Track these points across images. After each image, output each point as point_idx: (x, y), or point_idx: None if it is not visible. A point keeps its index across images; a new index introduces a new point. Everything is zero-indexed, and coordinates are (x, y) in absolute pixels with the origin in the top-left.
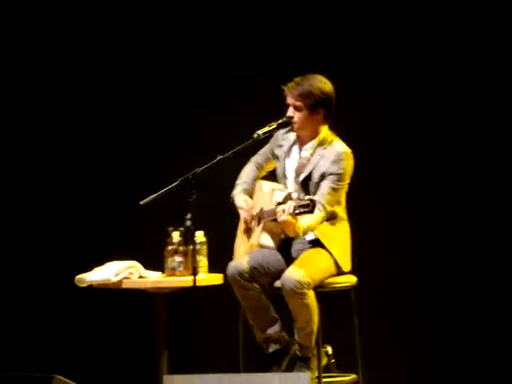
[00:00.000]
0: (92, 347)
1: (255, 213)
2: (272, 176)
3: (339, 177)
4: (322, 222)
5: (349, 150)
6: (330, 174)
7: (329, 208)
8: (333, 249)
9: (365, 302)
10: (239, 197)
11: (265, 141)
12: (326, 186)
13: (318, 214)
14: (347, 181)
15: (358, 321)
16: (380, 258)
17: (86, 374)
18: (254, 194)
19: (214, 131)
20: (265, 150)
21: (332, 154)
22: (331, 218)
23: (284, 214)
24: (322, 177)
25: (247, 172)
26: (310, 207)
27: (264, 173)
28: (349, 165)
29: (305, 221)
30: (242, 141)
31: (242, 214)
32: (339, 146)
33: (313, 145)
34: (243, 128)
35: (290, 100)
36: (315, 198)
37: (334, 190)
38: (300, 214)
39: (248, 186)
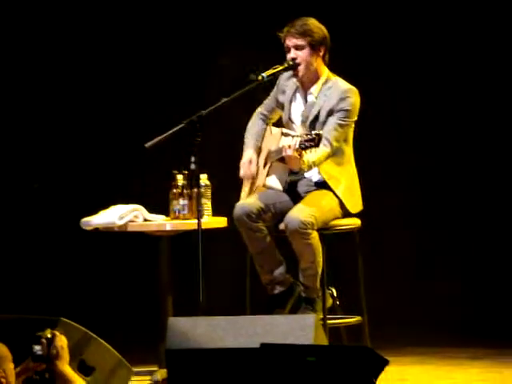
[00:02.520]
0: (97, 290)
1: (263, 157)
2: (279, 125)
3: (346, 113)
4: (327, 158)
5: (354, 87)
6: (338, 111)
7: (335, 144)
8: (338, 190)
9: (369, 244)
10: (247, 152)
11: (268, 88)
12: (332, 121)
13: (324, 149)
14: (354, 118)
15: (362, 263)
16: (386, 200)
17: (91, 317)
18: (263, 139)
19: (219, 73)
20: (268, 100)
21: (338, 91)
22: (339, 158)
23: (290, 148)
24: (329, 114)
25: (253, 124)
26: (315, 141)
27: (270, 122)
28: (356, 101)
29: (310, 156)
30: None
31: (241, 172)
32: (344, 84)
33: (317, 87)
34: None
35: (290, 42)
36: (321, 132)
37: (341, 126)
38: (306, 148)
39: (257, 137)
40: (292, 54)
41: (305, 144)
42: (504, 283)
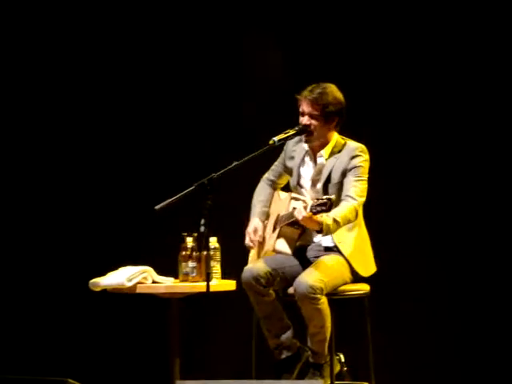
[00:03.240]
0: (105, 352)
1: (272, 222)
2: (287, 188)
3: (360, 169)
4: (355, 212)
5: (363, 146)
6: (351, 169)
7: (360, 198)
8: (349, 255)
9: (379, 309)
10: (253, 221)
11: (276, 152)
12: (349, 180)
13: (349, 203)
14: (367, 174)
15: (371, 329)
16: (394, 265)
17: (98, 378)
18: (271, 204)
19: (230, 135)
20: (276, 165)
21: (348, 151)
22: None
23: (303, 211)
24: (343, 175)
25: (260, 191)
26: (327, 206)
27: (278, 188)
28: (366, 158)
29: (332, 212)
30: (258, 147)
31: (246, 240)
32: (353, 144)
33: (327, 150)
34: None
35: (305, 108)
36: (333, 196)
37: (358, 181)
38: (317, 212)
39: (264, 204)
40: (305, 120)
41: (316, 208)
42: None
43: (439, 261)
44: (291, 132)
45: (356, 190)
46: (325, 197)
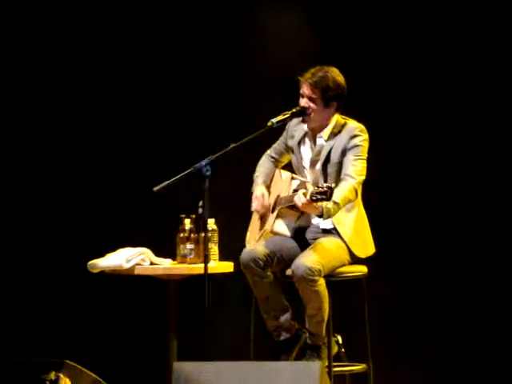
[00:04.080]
0: (103, 333)
1: (272, 201)
2: (289, 167)
3: (360, 148)
4: (356, 191)
5: (362, 125)
6: (351, 148)
7: (359, 177)
8: (347, 237)
9: (377, 291)
10: (259, 187)
11: (278, 132)
12: (348, 159)
13: (348, 182)
14: (366, 154)
15: (368, 310)
16: (393, 246)
17: (96, 360)
18: (272, 182)
19: (228, 118)
20: (278, 144)
21: (347, 131)
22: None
23: (304, 196)
24: (343, 154)
25: (263, 164)
26: (327, 195)
27: (280, 166)
28: (366, 138)
29: (337, 191)
30: (256, 129)
31: (254, 205)
32: (352, 123)
33: (326, 131)
34: (257, 116)
35: (305, 90)
36: (333, 185)
37: (358, 160)
38: (317, 200)
39: (266, 175)
40: (304, 102)
41: (316, 196)
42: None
43: (437, 242)
44: (289, 114)
45: (355, 169)
46: (325, 185)
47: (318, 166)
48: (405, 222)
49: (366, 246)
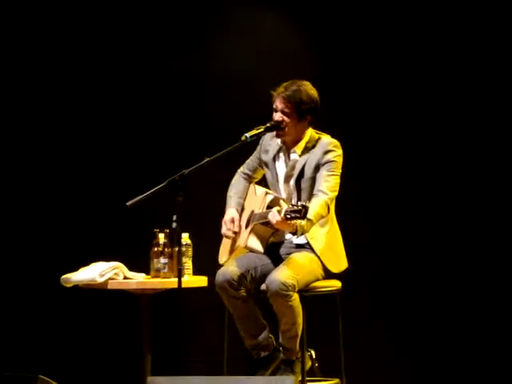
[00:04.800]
0: (76, 348)
1: (245, 217)
2: (263, 182)
3: (333, 164)
4: (327, 207)
5: (336, 141)
6: (324, 164)
7: (332, 193)
8: (320, 252)
9: (351, 306)
10: (230, 210)
11: (251, 146)
12: (322, 174)
13: (320, 198)
14: (340, 169)
15: (342, 325)
16: (366, 261)
17: (69, 374)
18: (246, 197)
19: (201, 132)
20: (251, 159)
21: (321, 146)
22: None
23: (277, 215)
24: (316, 169)
25: (236, 183)
26: (301, 213)
27: (253, 181)
28: (340, 153)
29: (310, 207)
30: (229, 143)
31: (222, 230)
32: (326, 139)
33: (300, 146)
34: (230, 132)
35: (278, 104)
36: (308, 204)
37: (331, 176)
38: (291, 218)
39: (240, 196)
40: (278, 116)
41: (290, 214)
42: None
43: (411, 257)
44: (262, 128)
45: (328, 185)
46: (300, 203)
47: (292, 181)
48: (378, 236)
49: (338, 261)
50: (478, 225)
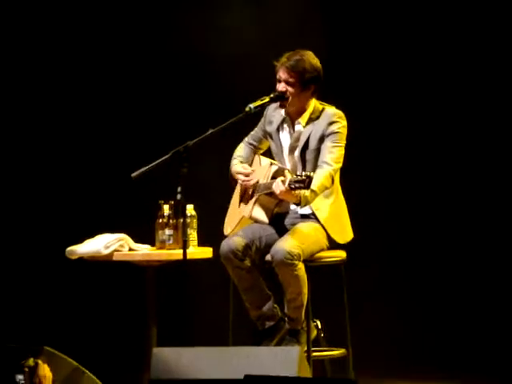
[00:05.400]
0: (82, 319)
1: (252, 182)
2: (268, 154)
3: (338, 135)
4: (332, 179)
5: (341, 112)
6: (329, 135)
7: (336, 164)
8: (325, 222)
9: (356, 276)
10: (237, 165)
11: (255, 118)
12: (326, 146)
13: (325, 170)
14: (344, 141)
15: (347, 296)
16: (372, 232)
17: (75, 346)
18: (251, 167)
19: (206, 103)
20: (255, 130)
21: (326, 117)
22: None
23: (281, 185)
24: (321, 140)
25: (241, 149)
26: (305, 183)
27: (259, 152)
28: (344, 124)
29: (314, 179)
30: (233, 115)
31: (240, 179)
32: (331, 110)
33: (304, 117)
34: (234, 103)
35: (282, 75)
36: (312, 174)
37: (335, 147)
38: (295, 189)
39: (244, 159)
40: (281, 87)
41: (294, 185)
42: (485, 321)
43: (417, 227)
44: (267, 99)
45: (332, 156)
46: (304, 173)
47: (297, 152)
48: (383, 207)
49: (344, 232)
50: (485, 196)
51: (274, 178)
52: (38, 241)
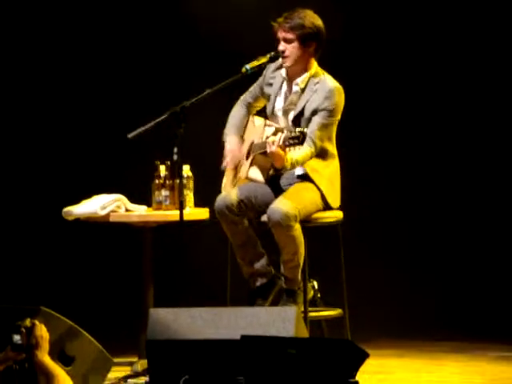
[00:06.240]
0: (78, 280)
1: (245, 148)
2: (263, 113)
3: (331, 112)
4: (311, 157)
5: (340, 86)
6: (322, 110)
7: (319, 143)
8: (321, 184)
9: (351, 238)
10: (231, 138)
11: (253, 77)
12: (316, 121)
13: (308, 148)
14: (338, 116)
15: (344, 256)
16: (367, 194)
17: (72, 306)
18: (246, 130)
19: (202, 63)
20: (254, 88)
21: (324, 89)
22: (322, 154)
23: (274, 145)
24: (314, 112)
25: (237, 111)
26: (299, 139)
27: (254, 111)
28: (340, 100)
29: (294, 154)
30: (230, 75)
31: (227, 159)
32: (331, 82)
33: (304, 79)
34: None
35: (280, 33)
36: (306, 130)
37: (325, 125)
38: (290, 145)
39: (240, 126)
40: (281, 46)
41: (289, 141)
42: (483, 279)
43: (413, 191)
44: (263, 59)
45: (319, 134)
46: (297, 130)
47: (291, 116)
48: (381, 169)
49: (336, 196)
50: (481, 162)
51: (268, 137)
52: (35, 202)
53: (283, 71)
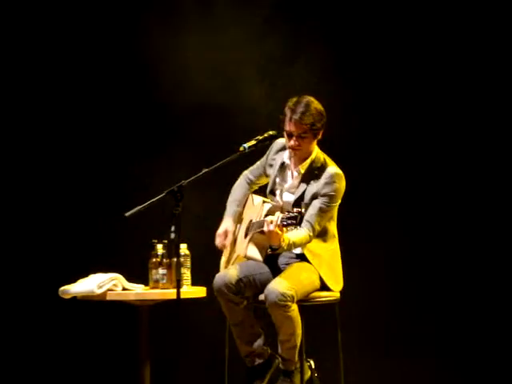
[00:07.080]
0: (75, 359)
1: (244, 227)
2: (264, 190)
3: (331, 198)
4: (309, 242)
5: (341, 172)
6: (322, 196)
7: (318, 228)
8: (321, 269)
9: (349, 317)
10: (225, 221)
11: (252, 154)
12: (316, 206)
13: (306, 232)
14: (338, 201)
15: (341, 335)
16: (365, 274)
17: None
18: (245, 207)
19: (200, 143)
20: (257, 166)
21: (324, 175)
22: (322, 233)
23: (271, 224)
24: (314, 197)
25: (238, 187)
26: (297, 219)
27: (256, 187)
28: (341, 186)
29: (291, 235)
30: (227, 154)
31: (216, 241)
32: (331, 168)
33: (305, 164)
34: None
35: (293, 129)
36: (303, 210)
37: (324, 210)
38: (287, 225)
39: (239, 202)
40: (292, 142)
41: (286, 221)
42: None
43: (410, 268)
44: (260, 138)
45: (318, 220)
46: (295, 210)
47: (291, 198)
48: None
49: (337, 280)
50: (483, 190)
51: (267, 215)
52: (32, 280)
53: (286, 155)
